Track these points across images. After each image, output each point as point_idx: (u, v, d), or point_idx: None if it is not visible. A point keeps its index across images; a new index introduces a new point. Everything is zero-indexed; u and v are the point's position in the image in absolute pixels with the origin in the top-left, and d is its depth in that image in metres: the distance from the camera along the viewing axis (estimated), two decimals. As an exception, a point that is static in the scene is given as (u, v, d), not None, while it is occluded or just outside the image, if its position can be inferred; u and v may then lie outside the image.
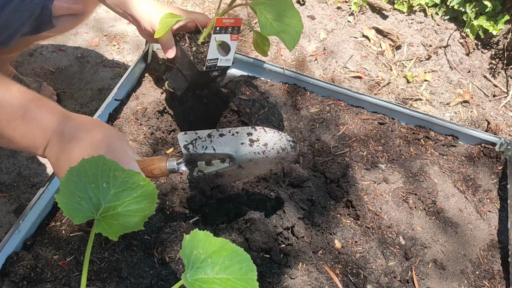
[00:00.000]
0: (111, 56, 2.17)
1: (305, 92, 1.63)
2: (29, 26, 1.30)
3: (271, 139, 0.99)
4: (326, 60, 2.15)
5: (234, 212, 1.24)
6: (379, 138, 1.54)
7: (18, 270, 1.10)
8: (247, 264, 0.75)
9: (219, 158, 1.01)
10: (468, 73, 2.18)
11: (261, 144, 0.98)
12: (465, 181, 1.48)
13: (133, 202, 0.79)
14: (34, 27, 1.32)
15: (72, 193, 0.76)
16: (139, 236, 1.20)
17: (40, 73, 2.07)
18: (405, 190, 1.42)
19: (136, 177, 0.81)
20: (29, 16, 1.27)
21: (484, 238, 1.36)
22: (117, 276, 1.13)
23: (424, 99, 2.06)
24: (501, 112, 2.06)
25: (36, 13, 1.28)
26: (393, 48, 2.23)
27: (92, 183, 0.78)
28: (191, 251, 0.74)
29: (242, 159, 1.00)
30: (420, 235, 1.33)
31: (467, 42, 2.21)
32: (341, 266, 1.22)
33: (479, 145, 1.58)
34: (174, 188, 1.30)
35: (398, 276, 1.23)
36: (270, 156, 0.99)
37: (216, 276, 0.73)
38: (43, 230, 1.20)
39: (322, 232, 1.27)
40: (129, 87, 1.53)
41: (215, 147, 0.99)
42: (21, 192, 1.67)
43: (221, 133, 0.98)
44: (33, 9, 1.26)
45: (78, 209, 0.75)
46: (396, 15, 2.33)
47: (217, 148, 0.99)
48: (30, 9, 1.25)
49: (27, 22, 1.27)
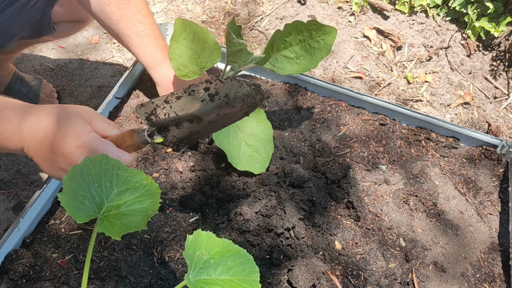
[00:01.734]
0: (111, 54, 2.16)
1: (306, 92, 1.62)
2: (28, 30, 1.30)
3: (230, 89, 0.92)
4: (327, 60, 2.15)
5: (234, 212, 1.23)
6: (380, 139, 1.54)
7: (17, 268, 1.09)
8: (250, 265, 0.75)
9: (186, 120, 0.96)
10: (469, 74, 2.18)
11: (222, 97, 0.92)
12: (466, 183, 1.48)
13: (136, 201, 0.78)
14: (34, 31, 1.32)
15: (75, 192, 0.75)
16: (138, 235, 1.19)
17: (40, 70, 2.06)
18: (405, 192, 1.42)
19: (139, 176, 0.81)
20: (29, 20, 1.26)
21: (485, 241, 1.36)
22: (116, 275, 1.12)
23: (424, 100, 2.06)
24: (502, 114, 2.06)
25: (36, 18, 1.27)
26: (394, 48, 2.23)
27: (95, 182, 0.78)
28: (194, 251, 0.73)
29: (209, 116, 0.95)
30: (421, 237, 1.33)
31: (468, 44, 2.21)
32: (341, 267, 1.22)
33: (480, 147, 1.58)
34: (173, 187, 1.30)
35: (398, 278, 1.23)
36: (237, 105, 0.93)
37: (219, 277, 0.73)
38: (43, 228, 1.19)
39: (323, 233, 1.26)
40: (130, 85, 1.53)
41: (176, 112, 0.93)
42: (20, 189, 1.66)
43: (178, 95, 0.92)
44: (33, 14, 1.26)
45: (81, 208, 0.75)
46: (397, 16, 2.33)
47: (179, 112, 0.93)
48: (30, 14, 1.25)
49: (26, 27, 1.27)
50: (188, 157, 1.38)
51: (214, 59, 1.31)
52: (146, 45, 1.27)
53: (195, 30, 1.27)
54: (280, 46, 1.30)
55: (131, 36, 1.24)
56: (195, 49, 1.27)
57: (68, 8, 1.33)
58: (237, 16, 2.33)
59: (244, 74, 1.65)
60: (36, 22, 1.28)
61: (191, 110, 0.92)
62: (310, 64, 1.31)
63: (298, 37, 1.28)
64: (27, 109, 0.93)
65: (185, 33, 1.25)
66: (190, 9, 2.37)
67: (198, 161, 1.36)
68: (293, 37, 1.29)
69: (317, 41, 1.29)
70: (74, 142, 0.88)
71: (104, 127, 0.95)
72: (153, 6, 2.38)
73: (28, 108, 0.93)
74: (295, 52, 1.30)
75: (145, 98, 1.51)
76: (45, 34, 1.35)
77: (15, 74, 1.83)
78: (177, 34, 1.25)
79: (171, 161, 1.36)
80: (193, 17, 2.33)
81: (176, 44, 1.25)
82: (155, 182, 0.80)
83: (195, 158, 1.38)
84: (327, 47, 1.30)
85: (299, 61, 1.31)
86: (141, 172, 0.80)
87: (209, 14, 2.35)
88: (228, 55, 1.21)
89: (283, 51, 1.30)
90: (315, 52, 1.30)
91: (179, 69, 1.25)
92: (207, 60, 1.29)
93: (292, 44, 1.30)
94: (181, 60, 1.25)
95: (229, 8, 2.36)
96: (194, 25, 1.27)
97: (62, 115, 0.91)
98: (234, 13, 2.34)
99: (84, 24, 1.47)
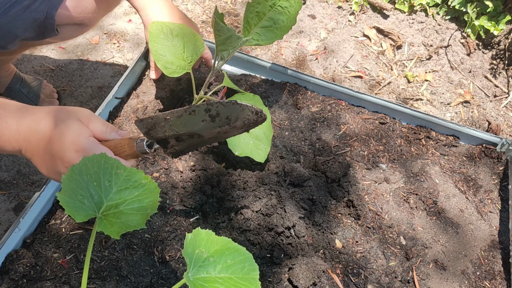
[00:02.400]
0: (111, 54, 2.17)
1: (306, 91, 1.63)
2: (32, 32, 1.29)
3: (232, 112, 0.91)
4: (327, 60, 2.15)
5: (234, 211, 1.24)
6: (380, 137, 1.54)
7: (18, 268, 1.09)
8: (250, 263, 0.75)
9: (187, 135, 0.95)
10: (469, 73, 2.18)
11: (223, 119, 0.92)
12: (466, 182, 1.48)
13: (135, 200, 0.78)
14: (37, 33, 1.32)
15: (74, 191, 0.76)
16: (139, 234, 1.19)
17: (40, 71, 2.06)
18: (406, 190, 1.42)
19: (138, 175, 0.81)
20: (32, 22, 1.26)
21: (485, 239, 1.36)
22: (117, 275, 1.13)
23: (424, 99, 2.06)
24: (502, 112, 2.06)
25: (39, 20, 1.27)
26: (394, 47, 2.23)
27: (94, 181, 0.78)
28: (193, 250, 0.73)
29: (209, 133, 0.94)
30: (421, 235, 1.33)
31: (468, 42, 2.21)
32: (342, 265, 1.22)
33: (480, 146, 1.58)
34: (174, 187, 1.30)
35: (399, 276, 1.23)
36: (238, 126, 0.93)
37: (218, 275, 0.73)
38: (43, 228, 1.20)
39: (323, 232, 1.26)
40: (130, 85, 1.53)
41: (176, 129, 0.93)
42: (21, 189, 1.66)
43: (178, 114, 0.91)
44: (36, 17, 1.26)
45: (80, 208, 0.75)
46: (397, 15, 2.33)
47: (179, 130, 0.93)
48: (34, 16, 1.25)
49: (30, 29, 1.27)
50: (188, 156, 1.38)
51: (198, 50, 1.30)
52: None
53: (172, 28, 1.27)
54: (256, 20, 1.30)
55: None
56: (177, 45, 1.27)
57: (73, 12, 1.33)
58: (236, 16, 2.33)
59: (243, 74, 1.65)
60: (39, 24, 1.27)
61: (192, 129, 0.92)
62: (289, 23, 1.32)
63: (267, 3, 1.29)
64: (24, 111, 0.93)
65: (163, 33, 1.26)
66: (190, 9, 2.38)
67: (198, 161, 1.36)
68: (263, 6, 1.29)
69: (286, 0, 1.30)
70: (72, 147, 0.88)
71: (102, 129, 0.94)
72: (153, 7, 2.38)
73: (25, 109, 0.93)
74: (271, 18, 1.31)
75: (145, 98, 1.51)
76: (48, 36, 1.34)
77: (16, 75, 1.83)
78: (155, 35, 1.25)
79: (171, 160, 1.36)
80: (193, 17, 2.33)
81: (156, 45, 1.25)
82: (154, 181, 0.80)
83: (195, 157, 1.38)
84: (297, 1, 1.31)
85: (278, 25, 1.32)
86: (140, 171, 0.80)
87: (209, 14, 2.35)
88: (218, 45, 1.20)
89: (260, 22, 1.31)
90: (288, 11, 1.31)
91: (166, 67, 1.25)
92: (192, 53, 1.29)
93: (265, 12, 1.30)
94: (166, 58, 1.25)
95: (229, 8, 2.36)
96: (169, 24, 1.28)
97: (59, 117, 0.91)
98: (233, 13, 2.34)
99: (87, 28, 1.47)
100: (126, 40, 2.23)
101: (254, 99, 1.32)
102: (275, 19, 1.31)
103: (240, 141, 1.26)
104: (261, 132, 1.29)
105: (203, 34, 2.23)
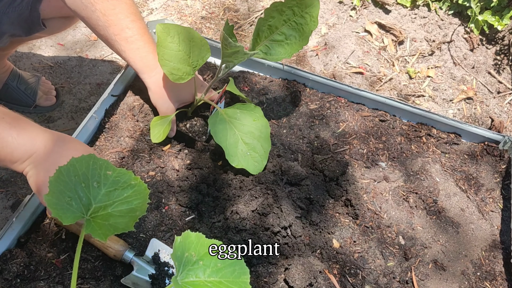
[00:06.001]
0: (109, 51, 2.15)
1: (304, 88, 1.60)
2: (18, 27, 1.29)
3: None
4: (327, 55, 2.12)
5: (230, 210, 1.22)
6: (379, 135, 1.52)
7: (11, 267, 1.09)
8: (240, 267, 0.74)
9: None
10: (472, 69, 2.14)
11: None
12: (467, 180, 1.46)
13: (124, 202, 0.77)
14: (24, 28, 1.31)
15: (62, 192, 0.74)
16: (134, 234, 1.18)
17: (38, 67, 2.05)
18: (405, 189, 1.40)
19: (127, 176, 0.79)
20: (18, 17, 1.26)
21: (486, 239, 1.34)
22: (111, 275, 1.12)
23: (426, 96, 2.03)
24: (506, 109, 2.03)
25: (25, 14, 1.27)
26: (396, 43, 2.19)
27: (82, 182, 0.76)
28: (182, 253, 0.72)
29: None
30: (421, 235, 1.31)
31: (471, 38, 2.17)
32: (339, 266, 1.20)
33: (482, 143, 1.55)
34: (170, 186, 1.28)
35: (397, 276, 1.21)
36: None
37: (208, 279, 0.71)
38: (37, 228, 1.19)
39: (320, 232, 1.25)
40: (126, 83, 1.51)
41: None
42: (18, 187, 1.66)
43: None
44: (21, 11, 1.25)
45: (68, 209, 0.74)
46: (399, 10, 2.29)
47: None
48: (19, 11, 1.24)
49: (16, 23, 1.27)
50: (184, 155, 1.37)
51: (204, 55, 1.29)
52: (136, 51, 1.25)
53: (179, 31, 1.25)
54: (267, 33, 1.27)
55: (120, 42, 1.23)
56: (183, 50, 1.25)
57: (56, 4, 1.32)
58: (236, 11, 2.31)
59: (242, 71, 1.63)
60: (25, 19, 1.27)
61: None
62: (301, 41, 1.29)
63: (282, 18, 1.26)
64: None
65: (170, 37, 1.24)
66: (189, 5, 2.35)
67: (194, 159, 1.35)
68: (277, 20, 1.26)
69: (302, 17, 1.26)
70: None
71: None
72: (152, 3, 2.36)
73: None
74: (283, 33, 1.28)
75: (142, 96, 1.49)
76: (36, 31, 1.34)
77: (13, 72, 1.82)
78: (162, 39, 1.23)
79: (167, 159, 1.35)
80: (192, 12, 2.31)
81: (163, 49, 1.23)
82: (143, 182, 0.78)
83: (191, 156, 1.36)
84: (314, 20, 1.27)
85: (289, 41, 1.28)
86: (130, 172, 0.78)
87: (208, 9, 2.33)
88: (224, 56, 1.19)
89: (271, 35, 1.28)
90: (303, 28, 1.27)
91: (172, 73, 1.23)
92: (198, 58, 1.28)
93: (278, 26, 1.27)
94: (172, 64, 1.23)
95: (228, 4, 2.34)
96: (176, 27, 1.25)
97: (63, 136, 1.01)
98: (233, 8, 2.32)
99: (74, 20, 1.46)
100: (125, 36, 2.21)
101: (254, 111, 1.30)
102: (287, 34, 1.28)
103: (237, 151, 1.26)
104: (259, 144, 1.29)
105: (202, 31, 2.21)
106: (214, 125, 1.26)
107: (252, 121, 1.30)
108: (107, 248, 1.11)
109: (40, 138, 1.00)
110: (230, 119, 1.28)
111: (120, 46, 1.24)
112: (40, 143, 0.99)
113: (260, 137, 1.29)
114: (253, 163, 1.28)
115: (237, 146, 1.27)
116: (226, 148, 1.26)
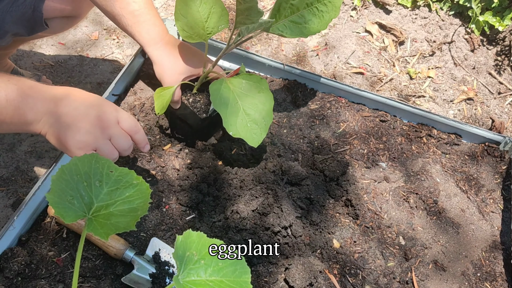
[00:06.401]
0: (110, 50, 2.15)
1: (305, 88, 1.60)
2: (21, 27, 1.29)
3: None
4: (328, 56, 2.12)
5: (230, 210, 1.22)
6: (380, 135, 1.52)
7: (12, 266, 1.09)
8: (241, 266, 0.74)
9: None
10: (473, 69, 2.15)
11: None
12: (467, 181, 1.46)
13: (126, 201, 0.77)
14: (27, 28, 1.31)
15: (64, 191, 0.74)
16: (135, 233, 1.19)
17: (39, 66, 2.05)
18: (406, 189, 1.40)
19: (129, 175, 0.80)
20: (20, 16, 1.26)
21: (486, 239, 1.34)
22: (112, 274, 1.12)
23: (427, 96, 2.04)
24: (506, 110, 2.03)
25: (28, 14, 1.27)
26: (396, 43, 2.20)
27: (85, 181, 0.77)
28: (184, 252, 0.72)
29: None
30: (421, 235, 1.31)
31: (472, 38, 2.17)
32: (339, 266, 1.21)
33: (482, 144, 1.55)
34: (170, 185, 1.29)
35: (397, 277, 1.22)
36: None
37: (209, 278, 0.71)
38: (39, 226, 1.19)
39: (321, 232, 1.25)
40: (127, 82, 1.51)
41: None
42: (19, 186, 1.66)
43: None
44: (24, 10, 1.25)
45: (70, 208, 0.74)
46: (399, 10, 2.30)
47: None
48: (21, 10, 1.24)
49: (18, 23, 1.27)
50: (185, 154, 1.37)
51: (221, 25, 1.25)
52: (141, 24, 1.25)
53: None
54: (288, 11, 1.26)
55: (126, 16, 1.23)
56: (202, 11, 1.21)
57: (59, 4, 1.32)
58: (237, 11, 2.31)
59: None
60: (28, 18, 1.27)
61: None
62: (320, 27, 1.29)
63: (305, 1, 1.25)
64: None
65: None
66: (190, 5, 2.35)
67: (195, 159, 1.35)
68: (300, 1, 1.25)
69: (324, 4, 1.27)
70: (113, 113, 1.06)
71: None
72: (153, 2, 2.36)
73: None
74: (303, 16, 1.27)
75: (142, 95, 1.49)
76: (38, 30, 1.34)
77: (14, 71, 1.82)
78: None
79: (168, 158, 1.35)
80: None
81: (182, 5, 1.19)
82: (145, 182, 0.79)
83: (192, 155, 1.36)
84: (335, 9, 1.27)
85: (307, 25, 1.28)
86: (132, 172, 0.79)
87: (209, 9, 2.33)
88: (238, 15, 1.13)
89: (291, 16, 1.26)
90: (323, 15, 1.27)
91: (183, 29, 1.20)
92: (214, 26, 1.24)
93: (299, 8, 1.26)
94: (186, 21, 1.20)
95: (229, 3, 2.34)
96: None
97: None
98: (234, 8, 2.32)
99: (77, 19, 1.46)
100: (125, 36, 2.22)
101: (260, 83, 1.25)
102: (307, 18, 1.27)
103: (237, 120, 1.21)
104: (260, 117, 1.23)
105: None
106: (217, 91, 1.20)
107: (256, 93, 1.24)
108: (108, 247, 1.12)
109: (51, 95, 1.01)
110: (234, 87, 1.23)
111: (126, 20, 1.24)
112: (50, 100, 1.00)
113: (263, 109, 1.24)
114: (251, 135, 1.22)
115: (237, 116, 1.21)
116: (226, 116, 1.20)
